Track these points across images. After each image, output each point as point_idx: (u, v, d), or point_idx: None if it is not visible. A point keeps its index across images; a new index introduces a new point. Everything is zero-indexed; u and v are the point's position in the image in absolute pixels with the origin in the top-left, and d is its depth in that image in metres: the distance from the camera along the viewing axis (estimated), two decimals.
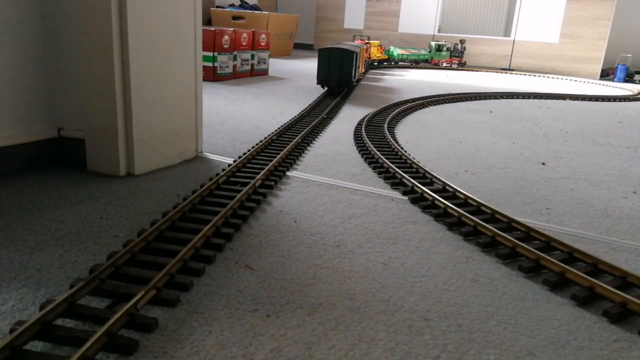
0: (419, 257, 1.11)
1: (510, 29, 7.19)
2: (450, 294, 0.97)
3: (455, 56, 6.53)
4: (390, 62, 6.31)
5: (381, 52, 6.28)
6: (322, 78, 3.35)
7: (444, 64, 6.51)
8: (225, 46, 3.71)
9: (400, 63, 6.40)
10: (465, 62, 6.69)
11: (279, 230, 1.20)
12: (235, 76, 3.87)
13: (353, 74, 3.42)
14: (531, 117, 3.16)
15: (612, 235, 1.32)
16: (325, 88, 3.47)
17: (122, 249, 0.99)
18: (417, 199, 1.44)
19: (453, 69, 6.33)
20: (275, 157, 1.70)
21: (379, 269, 1.04)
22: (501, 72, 6.27)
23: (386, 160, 1.74)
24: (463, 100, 3.66)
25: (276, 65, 5.13)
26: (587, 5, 6.52)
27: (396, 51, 6.36)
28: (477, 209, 1.36)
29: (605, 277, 1.05)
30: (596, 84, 5.69)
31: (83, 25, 1.43)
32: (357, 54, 3.51)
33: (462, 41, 6.60)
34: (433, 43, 6.55)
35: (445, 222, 1.29)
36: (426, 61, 6.52)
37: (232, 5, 6.94)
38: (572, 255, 1.12)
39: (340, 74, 3.30)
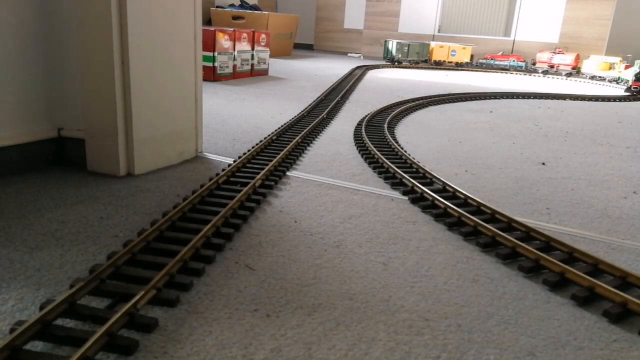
0: (419, 257, 1.11)
1: (510, 28, 7.19)
2: (450, 294, 0.97)
3: None
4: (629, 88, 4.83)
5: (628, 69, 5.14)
6: (385, 55, 6.75)
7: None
8: (225, 46, 3.71)
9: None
10: None
11: (279, 230, 1.20)
12: (235, 76, 3.87)
13: (394, 55, 6.58)
14: (531, 117, 3.16)
15: (612, 235, 1.32)
16: (328, 90, 3.60)
17: (122, 249, 0.99)
18: (417, 199, 1.44)
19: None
20: (275, 157, 1.70)
21: (379, 269, 1.04)
22: (501, 72, 6.27)
23: (386, 160, 1.74)
24: (463, 100, 3.66)
25: (276, 65, 5.13)
26: (587, 5, 6.52)
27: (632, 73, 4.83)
28: (477, 209, 1.36)
29: (605, 277, 1.05)
30: (596, 84, 5.69)
31: (83, 25, 1.43)
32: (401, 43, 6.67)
33: None
34: None
35: (445, 222, 1.29)
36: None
37: (232, 5, 6.94)
38: (572, 255, 1.12)
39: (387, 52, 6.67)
